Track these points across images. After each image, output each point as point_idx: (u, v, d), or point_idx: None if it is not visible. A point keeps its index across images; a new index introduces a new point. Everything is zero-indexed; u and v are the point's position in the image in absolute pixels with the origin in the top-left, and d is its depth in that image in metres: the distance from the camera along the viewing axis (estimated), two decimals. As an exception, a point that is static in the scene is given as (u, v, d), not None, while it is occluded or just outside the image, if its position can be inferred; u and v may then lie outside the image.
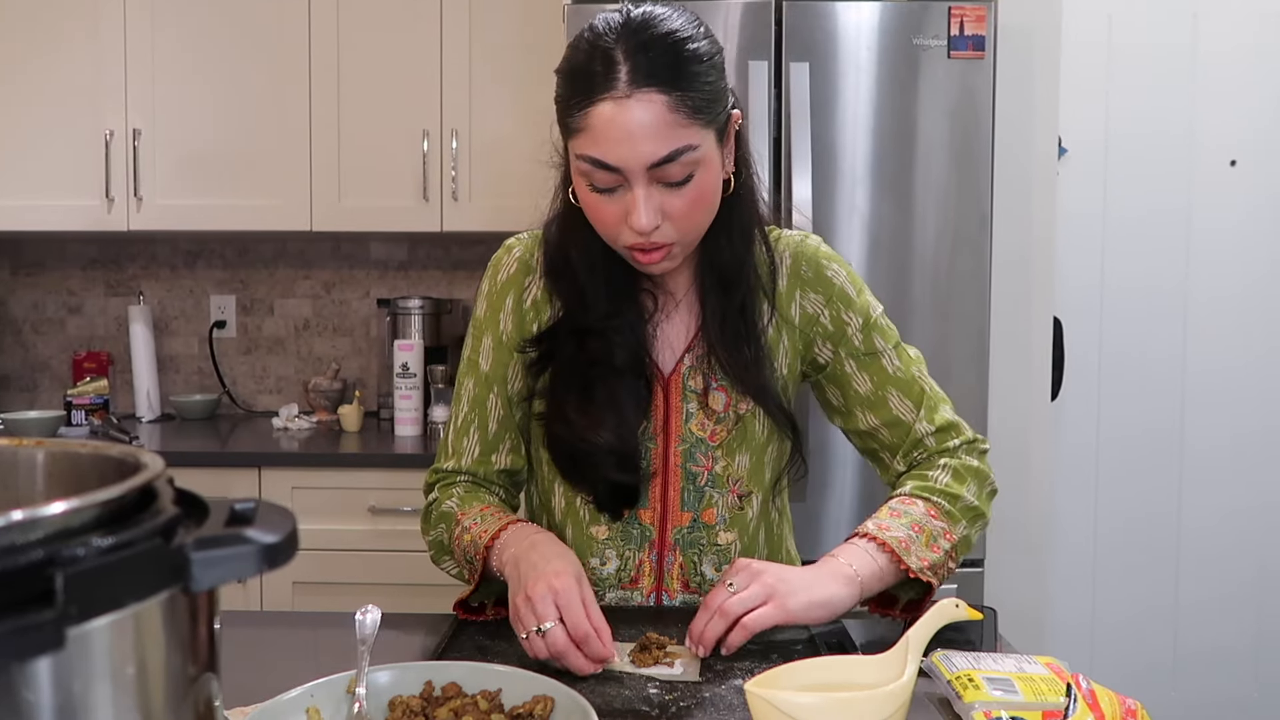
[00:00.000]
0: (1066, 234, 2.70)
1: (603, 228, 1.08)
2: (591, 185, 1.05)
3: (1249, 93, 2.76)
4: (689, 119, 1.01)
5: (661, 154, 1.01)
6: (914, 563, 1.08)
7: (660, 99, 1.00)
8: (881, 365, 1.20)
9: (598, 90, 1.01)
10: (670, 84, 1.00)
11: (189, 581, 0.42)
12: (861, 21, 2.09)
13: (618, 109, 1.00)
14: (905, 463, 1.21)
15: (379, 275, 3.00)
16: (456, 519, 1.17)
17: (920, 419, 1.20)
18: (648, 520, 1.18)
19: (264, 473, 2.37)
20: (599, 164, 1.02)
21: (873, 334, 1.21)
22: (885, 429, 1.21)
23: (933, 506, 1.14)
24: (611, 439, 1.13)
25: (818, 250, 1.23)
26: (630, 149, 1.00)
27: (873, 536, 1.09)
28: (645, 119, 1.00)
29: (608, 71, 1.00)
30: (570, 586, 0.98)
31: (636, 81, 1.00)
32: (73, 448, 0.57)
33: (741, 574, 1.03)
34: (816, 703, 0.79)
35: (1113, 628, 2.82)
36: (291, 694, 0.84)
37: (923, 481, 1.16)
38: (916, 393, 1.20)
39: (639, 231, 1.04)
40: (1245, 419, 2.81)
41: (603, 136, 1.01)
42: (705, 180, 1.05)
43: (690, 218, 1.06)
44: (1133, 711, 0.85)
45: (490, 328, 1.23)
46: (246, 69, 2.62)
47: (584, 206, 1.09)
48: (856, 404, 1.21)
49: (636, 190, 1.03)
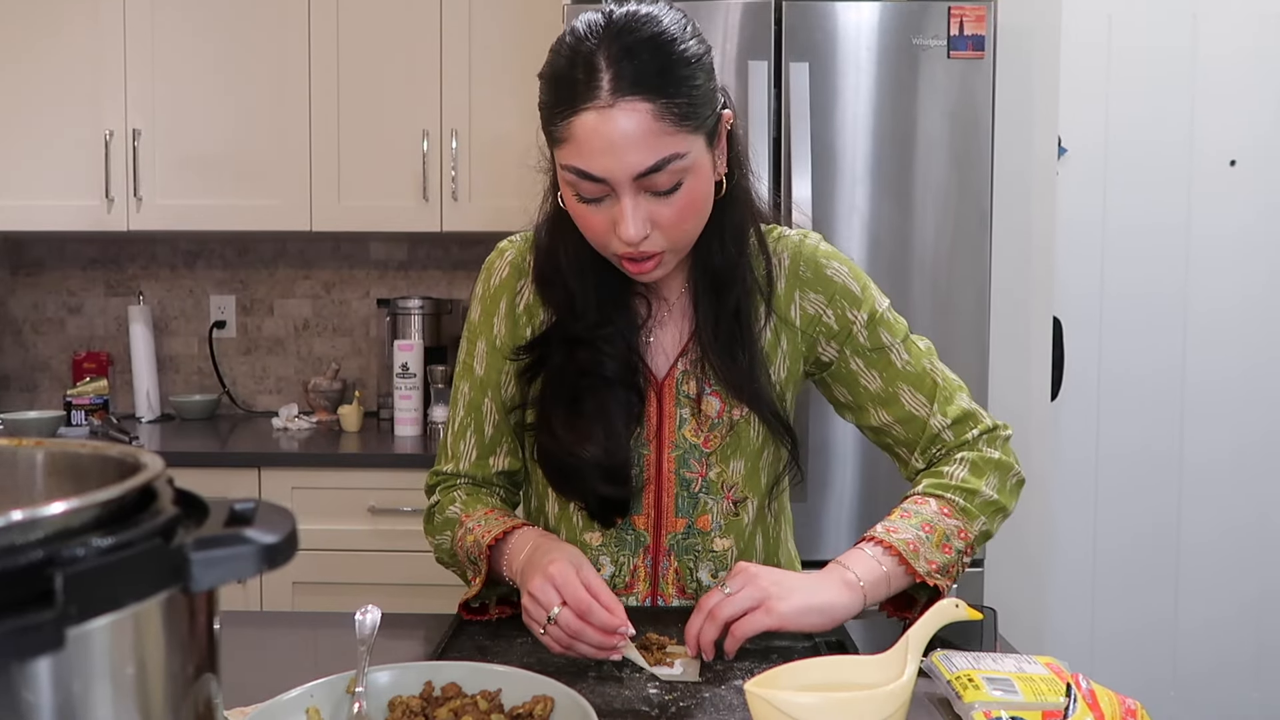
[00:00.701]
0: (1065, 240, 2.70)
1: (592, 236, 1.06)
2: (578, 196, 1.03)
3: (1249, 94, 2.76)
4: (676, 126, 0.98)
5: (648, 164, 0.98)
6: (921, 566, 1.06)
7: (645, 107, 0.96)
8: (890, 360, 1.17)
9: (580, 99, 0.97)
10: (656, 91, 0.97)
11: (189, 582, 0.42)
12: (861, 21, 2.09)
13: (601, 119, 0.96)
14: (924, 459, 1.19)
15: (379, 275, 3.00)
16: (460, 522, 1.17)
17: (935, 413, 1.16)
18: (642, 526, 1.17)
19: (264, 473, 2.37)
20: (584, 175, 0.99)
21: (879, 329, 1.17)
22: (899, 425, 1.18)
23: (946, 504, 1.11)
24: (599, 453, 1.11)
25: (816, 249, 1.20)
26: (615, 160, 0.97)
27: (880, 540, 1.07)
28: (630, 129, 0.96)
29: (589, 79, 0.97)
30: (565, 569, 0.99)
31: (620, 90, 0.96)
32: (72, 448, 0.57)
33: (738, 577, 1.02)
34: (816, 703, 0.79)
35: (1112, 642, 2.81)
36: (291, 694, 0.84)
37: (938, 479, 1.14)
38: (929, 385, 1.17)
39: (627, 242, 1.02)
40: (1245, 430, 2.80)
41: (586, 147, 0.98)
42: (695, 187, 1.02)
43: (680, 225, 1.04)
44: (1132, 711, 0.85)
45: (484, 332, 1.22)
46: (246, 69, 2.62)
47: (572, 215, 1.07)
48: (867, 400, 1.18)
49: (624, 201, 1.00)
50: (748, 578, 1.02)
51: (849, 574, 1.04)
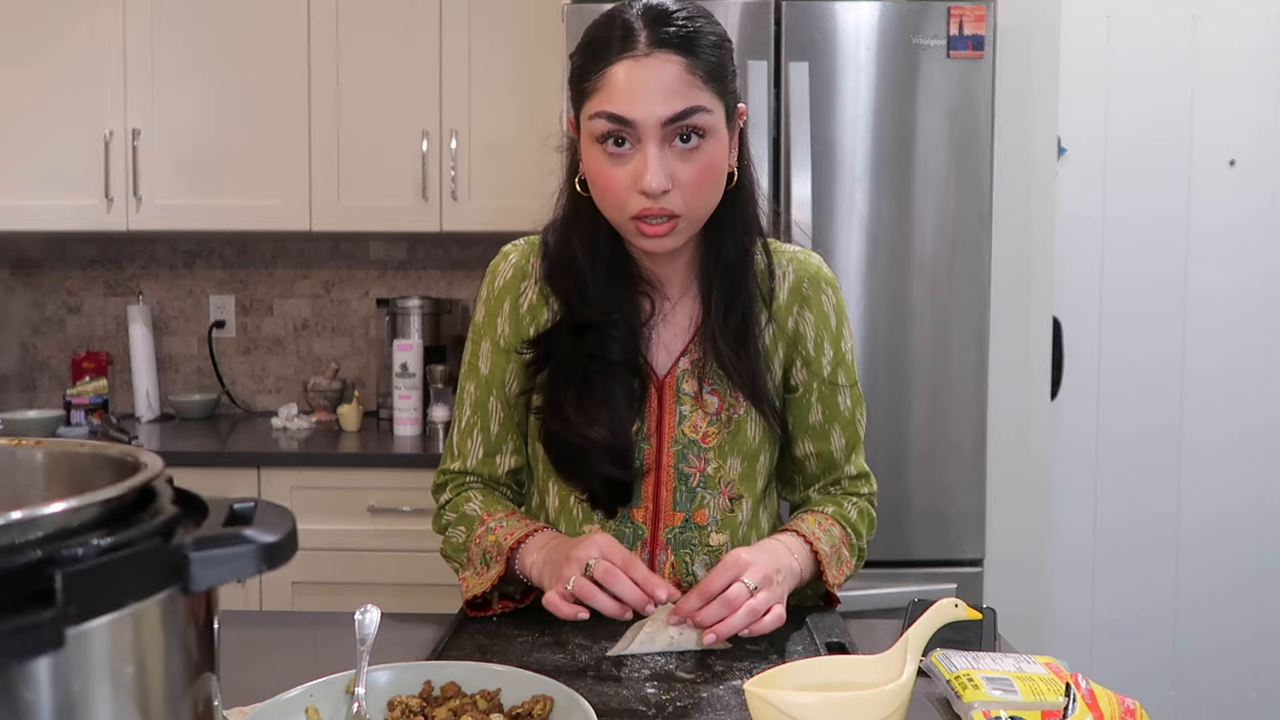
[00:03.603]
0: (1065, 235, 2.70)
1: (611, 196, 1.08)
2: (604, 148, 1.06)
3: (1248, 94, 2.76)
4: (704, 83, 1.05)
5: (676, 109, 1.03)
6: (832, 576, 1.17)
7: (678, 60, 1.04)
8: (836, 401, 1.24)
9: (616, 51, 1.04)
10: (687, 50, 1.04)
11: (188, 581, 0.42)
12: (861, 21, 2.09)
13: (636, 65, 1.03)
14: (818, 492, 1.28)
15: (378, 275, 3.00)
16: (481, 520, 1.20)
17: (849, 462, 1.26)
18: (640, 519, 1.19)
19: (263, 472, 2.37)
20: (614, 118, 1.04)
21: (839, 369, 1.24)
22: (815, 459, 1.26)
23: (845, 536, 1.22)
24: (606, 434, 1.14)
25: (820, 271, 1.24)
26: (646, 104, 1.03)
27: (807, 539, 1.16)
28: (662, 75, 1.03)
29: (626, 35, 1.05)
30: (607, 539, 1.06)
31: (656, 43, 1.04)
32: (72, 447, 0.57)
33: (755, 573, 1.04)
34: (816, 702, 0.79)
35: (1112, 628, 2.82)
36: (291, 694, 0.84)
37: (839, 509, 1.24)
38: (853, 435, 1.25)
39: (648, 193, 1.05)
40: (1244, 419, 2.81)
41: (620, 92, 1.04)
42: (714, 152, 1.07)
43: (698, 188, 1.07)
44: (1131, 711, 0.85)
45: (489, 332, 1.24)
46: (246, 69, 2.62)
47: (592, 181, 1.10)
48: (803, 431, 1.25)
49: (649, 148, 1.04)
50: (766, 579, 1.04)
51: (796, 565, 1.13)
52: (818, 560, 1.15)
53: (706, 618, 1.01)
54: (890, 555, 2.09)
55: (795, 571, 1.12)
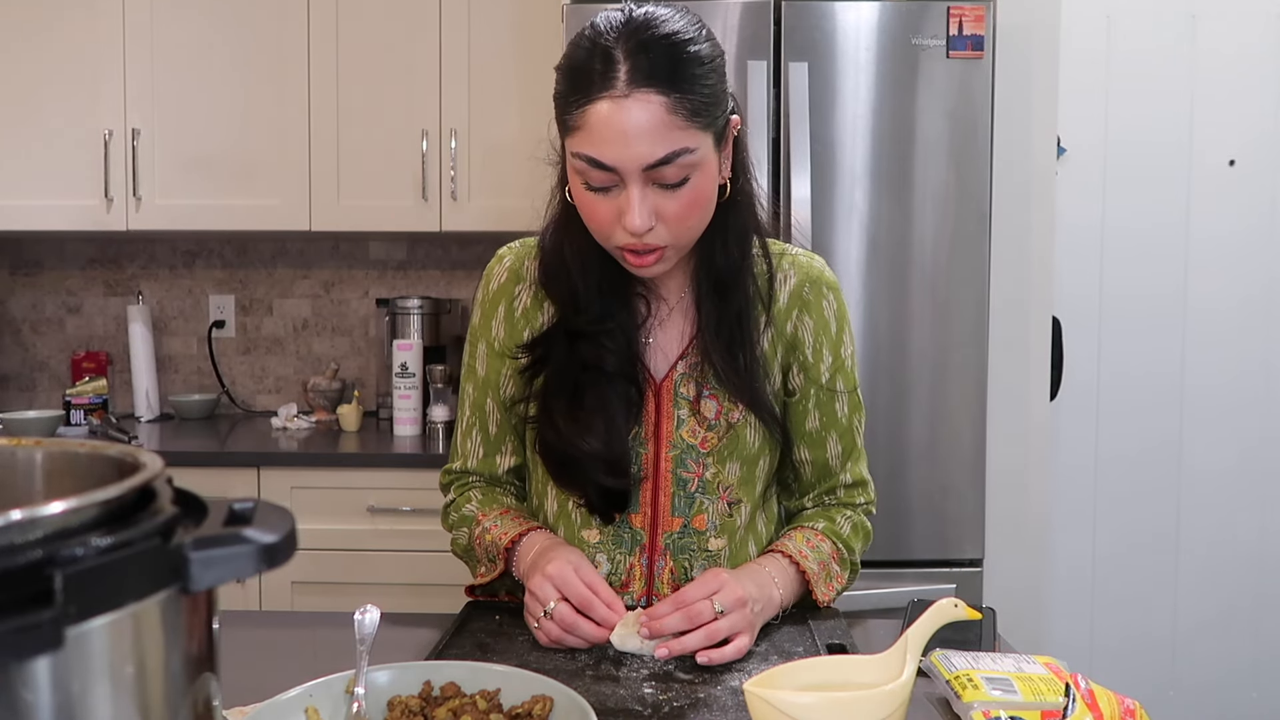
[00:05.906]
0: (1065, 243, 2.70)
1: (596, 226, 1.08)
2: (586, 184, 1.05)
3: (1248, 95, 2.76)
4: (687, 121, 1.00)
5: (658, 155, 1.00)
6: (821, 594, 1.17)
7: (659, 100, 0.99)
8: (834, 408, 1.23)
9: (596, 89, 1.00)
10: (669, 85, 0.99)
11: (187, 581, 0.42)
12: (860, 21, 2.09)
13: (615, 108, 0.99)
14: (812, 501, 1.27)
15: (378, 275, 3.00)
16: (478, 520, 1.21)
17: (844, 469, 1.25)
18: (639, 524, 1.18)
19: (263, 472, 2.37)
20: (594, 163, 1.02)
21: (838, 375, 1.22)
22: (811, 466, 1.25)
23: (836, 551, 1.22)
24: (599, 445, 1.13)
25: (822, 275, 1.23)
26: (626, 149, 0.99)
27: (794, 560, 1.16)
28: (642, 119, 0.99)
29: (606, 70, 1.00)
30: (563, 569, 1.04)
31: (635, 81, 0.99)
32: (71, 447, 0.57)
33: (727, 594, 1.03)
34: (815, 703, 0.79)
35: (1111, 645, 2.81)
36: (290, 694, 0.84)
37: (831, 524, 1.23)
38: (849, 443, 1.25)
39: (632, 232, 1.03)
40: (1245, 432, 2.80)
41: (599, 136, 1.00)
42: (701, 184, 1.04)
43: (684, 221, 1.06)
44: (1131, 711, 0.85)
45: (484, 334, 1.25)
46: (246, 69, 2.61)
47: (578, 205, 1.08)
48: (800, 436, 1.24)
49: (631, 190, 1.02)
50: (738, 602, 1.03)
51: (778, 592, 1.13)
52: (805, 579, 1.16)
53: (667, 626, 1.00)
54: (890, 555, 2.10)
55: (776, 602, 1.12)
